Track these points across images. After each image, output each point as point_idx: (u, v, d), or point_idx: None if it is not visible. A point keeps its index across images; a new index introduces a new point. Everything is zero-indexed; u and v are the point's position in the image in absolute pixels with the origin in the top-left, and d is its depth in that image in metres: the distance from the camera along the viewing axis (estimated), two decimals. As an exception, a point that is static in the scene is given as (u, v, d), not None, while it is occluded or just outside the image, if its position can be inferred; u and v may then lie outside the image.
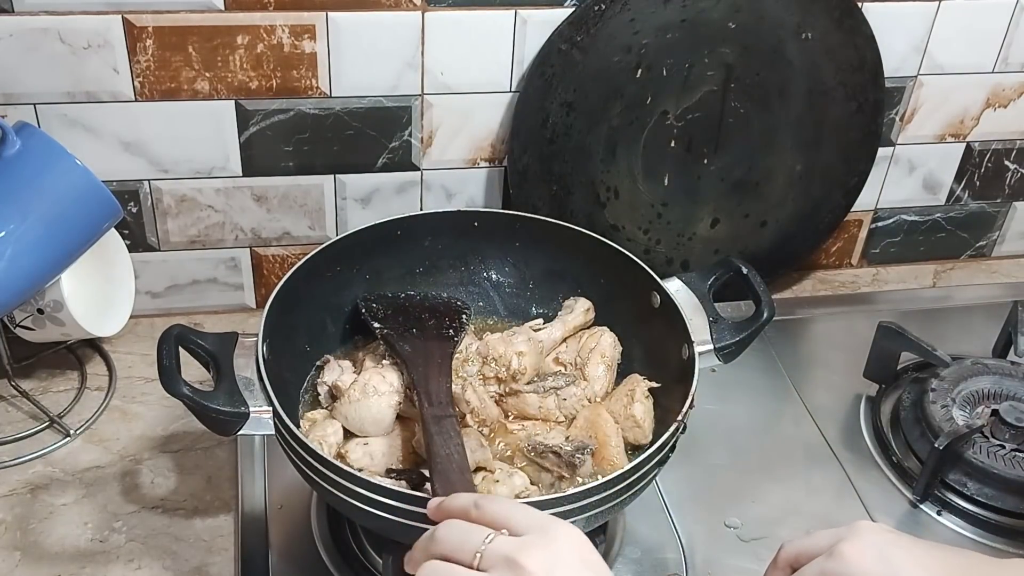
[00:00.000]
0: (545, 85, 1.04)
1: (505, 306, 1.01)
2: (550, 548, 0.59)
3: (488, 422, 0.85)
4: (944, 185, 1.27)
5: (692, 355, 0.84)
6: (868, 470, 1.00)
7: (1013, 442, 0.96)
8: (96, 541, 0.88)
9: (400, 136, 1.07)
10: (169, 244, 1.09)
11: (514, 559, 0.58)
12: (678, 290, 0.91)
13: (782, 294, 1.25)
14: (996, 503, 0.94)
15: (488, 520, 0.62)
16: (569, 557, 0.59)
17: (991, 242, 1.35)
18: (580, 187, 1.11)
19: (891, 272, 1.32)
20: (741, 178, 1.15)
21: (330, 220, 1.11)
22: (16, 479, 0.94)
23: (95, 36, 0.95)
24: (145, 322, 1.11)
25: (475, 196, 1.13)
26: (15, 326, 0.99)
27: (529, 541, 0.59)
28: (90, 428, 0.99)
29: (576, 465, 0.80)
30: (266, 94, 1.01)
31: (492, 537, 0.60)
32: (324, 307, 0.94)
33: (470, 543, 0.60)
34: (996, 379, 1.03)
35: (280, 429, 0.77)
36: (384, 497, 0.71)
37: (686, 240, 1.17)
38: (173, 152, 1.03)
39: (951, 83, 1.19)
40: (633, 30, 1.03)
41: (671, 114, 1.09)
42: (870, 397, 1.07)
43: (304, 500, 0.91)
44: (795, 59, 1.09)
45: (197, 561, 0.87)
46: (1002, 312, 1.12)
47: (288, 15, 0.98)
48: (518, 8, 1.02)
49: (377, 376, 0.84)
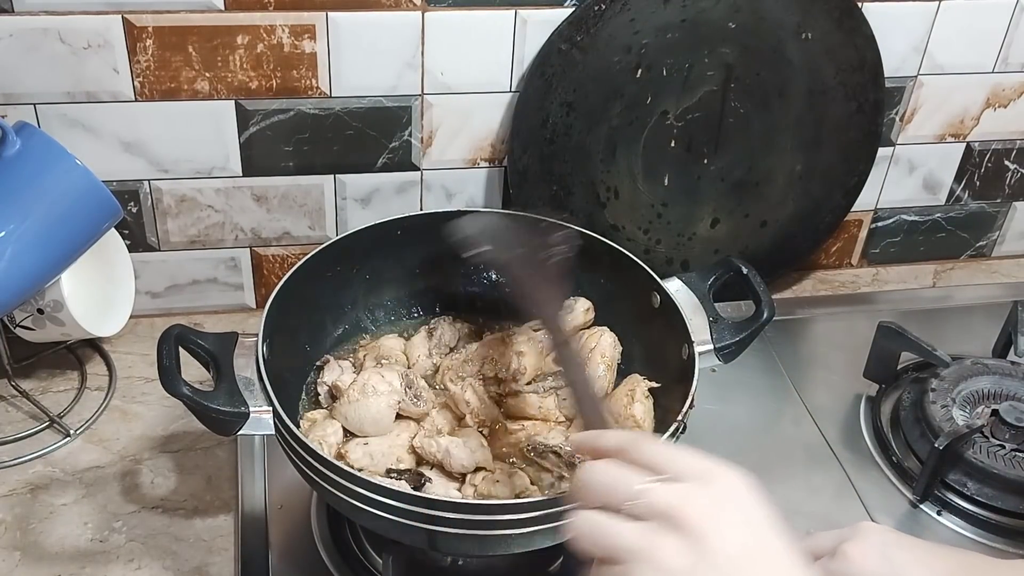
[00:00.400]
0: (545, 85, 1.04)
1: (505, 306, 1.01)
2: (712, 499, 0.52)
3: (488, 422, 0.85)
4: (944, 185, 1.27)
5: (692, 355, 0.84)
6: (868, 470, 1.00)
7: (1013, 442, 0.96)
8: (96, 541, 0.88)
9: (400, 136, 1.07)
10: (169, 244, 1.09)
11: (671, 511, 0.51)
12: (678, 290, 0.91)
13: (782, 294, 1.25)
14: (996, 503, 0.94)
15: (645, 462, 0.55)
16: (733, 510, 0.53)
17: (991, 242, 1.35)
18: (580, 187, 1.11)
19: (891, 272, 1.32)
20: (741, 178, 1.15)
21: (330, 220, 1.11)
22: (16, 479, 0.94)
23: (95, 36, 0.95)
24: (145, 322, 1.11)
25: (475, 196, 1.13)
26: (15, 326, 0.99)
27: (689, 491, 0.52)
28: (90, 428, 0.99)
29: (576, 465, 0.79)
30: (266, 94, 1.01)
31: (647, 485, 0.53)
32: (324, 307, 0.94)
33: (622, 490, 0.53)
34: (996, 379, 1.03)
35: (280, 429, 0.77)
36: (384, 497, 0.71)
37: (686, 240, 1.17)
38: (173, 152, 1.03)
39: (951, 83, 1.18)
40: (633, 30, 1.03)
41: (671, 114, 1.09)
42: (870, 397, 1.07)
43: (304, 500, 0.91)
44: (795, 59, 1.09)
45: (197, 561, 0.87)
46: (1002, 312, 1.12)
47: (288, 15, 0.98)
48: (518, 8, 1.02)
49: (377, 376, 0.84)
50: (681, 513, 0.51)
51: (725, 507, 0.53)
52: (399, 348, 0.93)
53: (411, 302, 1.00)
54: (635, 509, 0.52)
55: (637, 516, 0.52)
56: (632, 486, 0.53)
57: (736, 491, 0.54)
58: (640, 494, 0.53)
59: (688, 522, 0.51)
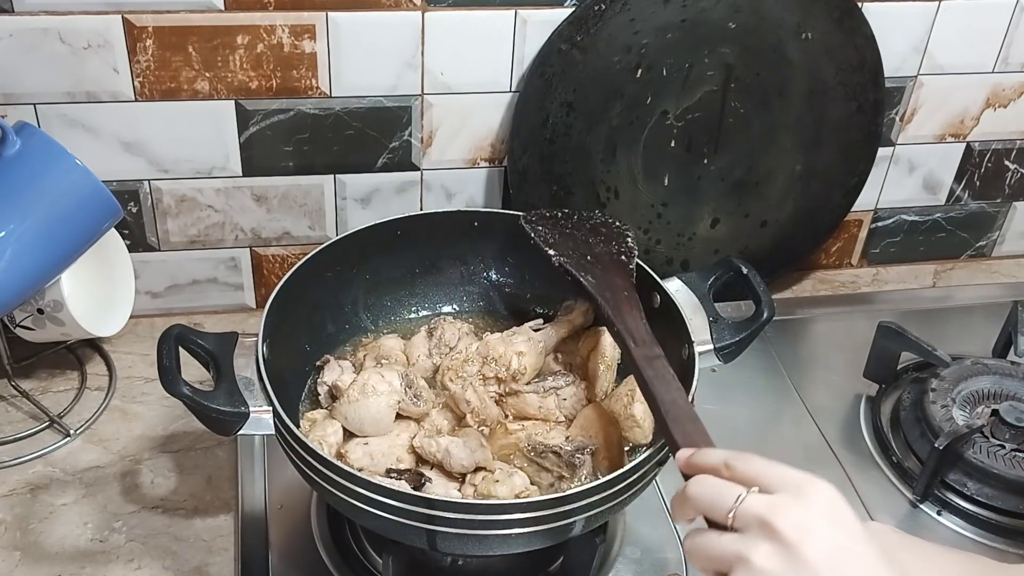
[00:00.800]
0: (545, 85, 1.04)
1: (505, 306, 1.01)
2: (804, 508, 0.57)
3: (488, 422, 0.85)
4: (944, 185, 1.27)
5: (692, 355, 0.83)
6: (868, 470, 1.00)
7: (1013, 442, 0.96)
8: (96, 541, 0.88)
9: (400, 136, 1.07)
10: (169, 244, 1.09)
11: (766, 520, 0.56)
12: (678, 290, 0.91)
13: (782, 294, 1.25)
14: (996, 503, 0.94)
15: (740, 478, 0.60)
16: (823, 519, 0.57)
17: (991, 242, 1.35)
18: (580, 187, 1.11)
19: (891, 272, 1.32)
20: (741, 178, 1.15)
21: (330, 220, 1.11)
22: (16, 479, 0.94)
23: (95, 36, 0.95)
24: (145, 322, 1.11)
25: (475, 196, 1.13)
26: (15, 326, 0.99)
27: (781, 501, 0.58)
28: (90, 428, 0.99)
29: (576, 465, 0.80)
30: (266, 94, 1.01)
31: (744, 496, 0.58)
32: (324, 307, 0.94)
33: (723, 502, 0.59)
34: (996, 379, 1.03)
35: (280, 429, 0.77)
36: (384, 497, 0.71)
37: (686, 240, 1.17)
38: (173, 152, 1.03)
39: (951, 83, 1.18)
40: (633, 30, 1.03)
41: (671, 114, 1.09)
42: (870, 397, 1.07)
43: (304, 500, 0.91)
44: (795, 59, 1.09)
45: (197, 561, 0.87)
46: (1002, 312, 1.12)
47: (288, 15, 0.98)
48: (518, 8, 1.02)
49: (376, 376, 0.84)
50: (774, 521, 0.56)
51: (815, 516, 0.57)
52: (399, 348, 0.93)
53: (411, 302, 1.00)
54: (735, 521, 0.58)
55: (738, 529, 0.58)
56: (730, 498, 0.59)
57: (826, 501, 0.58)
58: (737, 504, 0.58)
59: (781, 530, 0.56)
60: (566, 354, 0.94)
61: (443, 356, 0.91)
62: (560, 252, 0.88)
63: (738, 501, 0.58)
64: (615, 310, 0.80)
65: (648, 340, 0.78)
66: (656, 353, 0.76)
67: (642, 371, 0.75)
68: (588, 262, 0.86)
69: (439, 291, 1.01)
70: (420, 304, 1.01)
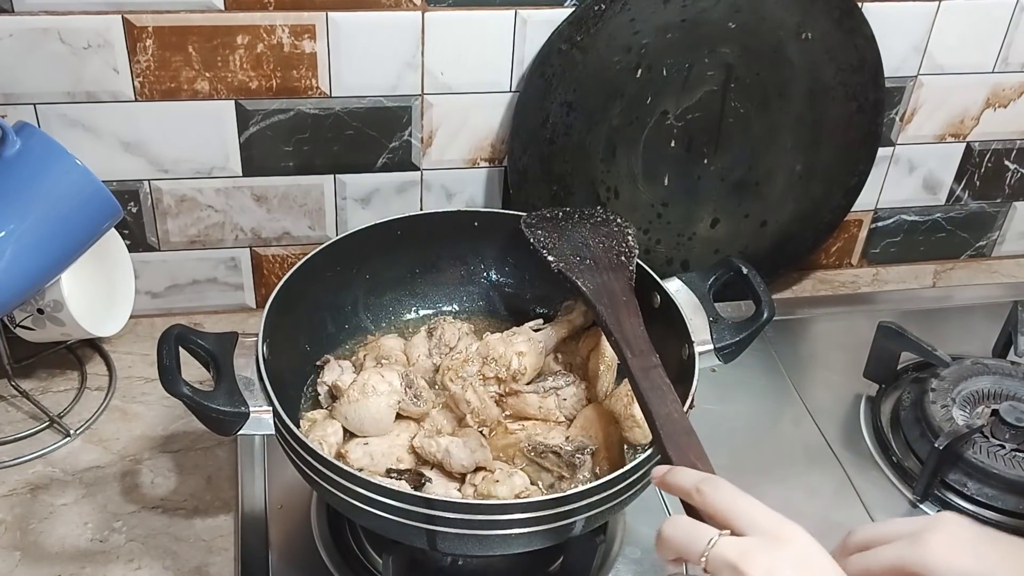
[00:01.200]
0: (545, 85, 1.04)
1: (505, 306, 1.01)
2: (774, 555, 0.58)
3: (488, 422, 0.85)
4: (944, 185, 1.27)
5: (692, 355, 0.84)
6: (868, 470, 1.00)
7: (1013, 442, 0.96)
8: (96, 541, 0.88)
9: (400, 136, 1.07)
10: (169, 244, 1.09)
11: (737, 566, 0.57)
12: (678, 290, 0.91)
13: (782, 294, 1.25)
14: (996, 503, 0.94)
15: (709, 510, 0.61)
16: (793, 566, 0.57)
17: (991, 242, 1.35)
18: (580, 187, 1.11)
19: (891, 272, 1.32)
20: (741, 178, 1.15)
21: (330, 220, 1.11)
22: (16, 479, 0.94)
23: (95, 36, 0.95)
24: (145, 322, 1.11)
25: (475, 196, 1.13)
26: (15, 326, 0.99)
27: (752, 546, 0.58)
28: (90, 428, 0.99)
29: (576, 465, 0.80)
30: (266, 94, 1.01)
31: (715, 540, 0.59)
32: (324, 307, 0.94)
33: (695, 547, 0.60)
34: (996, 379, 1.03)
35: (280, 429, 0.77)
36: (384, 497, 0.71)
37: (686, 240, 1.17)
38: (173, 152, 1.03)
39: (951, 83, 1.18)
40: (633, 30, 1.03)
41: (671, 114, 1.09)
42: (870, 397, 1.07)
43: (304, 500, 0.91)
44: (795, 59, 1.09)
45: (197, 561, 0.87)
46: (1002, 312, 1.12)
47: (288, 15, 0.98)
48: (518, 8, 1.02)
49: (377, 376, 0.84)
50: (745, 568, 0.57)
51: (785, 562, 0.57)
52: (399, 348, 0.93)
53: (411, 302, 1.00)
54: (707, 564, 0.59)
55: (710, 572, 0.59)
56: (702, 542, 0.59)
57: (798, 547, 0.58)
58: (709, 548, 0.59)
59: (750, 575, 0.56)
60: (566, 354, 0.94)
61: (443, 356, 0.91)
62: (559, 257, 0.88)
63: (710, 545, 0.59)
64: (613, 318, 0.80)
65: (645, 349, 0.78)
66: (652, 363, 0.76)
67: (638, 383, 0.75)
68: (587, 266, 0.86)
69: (439, 291, 1.01)
70: (420, 304, 1.01)
